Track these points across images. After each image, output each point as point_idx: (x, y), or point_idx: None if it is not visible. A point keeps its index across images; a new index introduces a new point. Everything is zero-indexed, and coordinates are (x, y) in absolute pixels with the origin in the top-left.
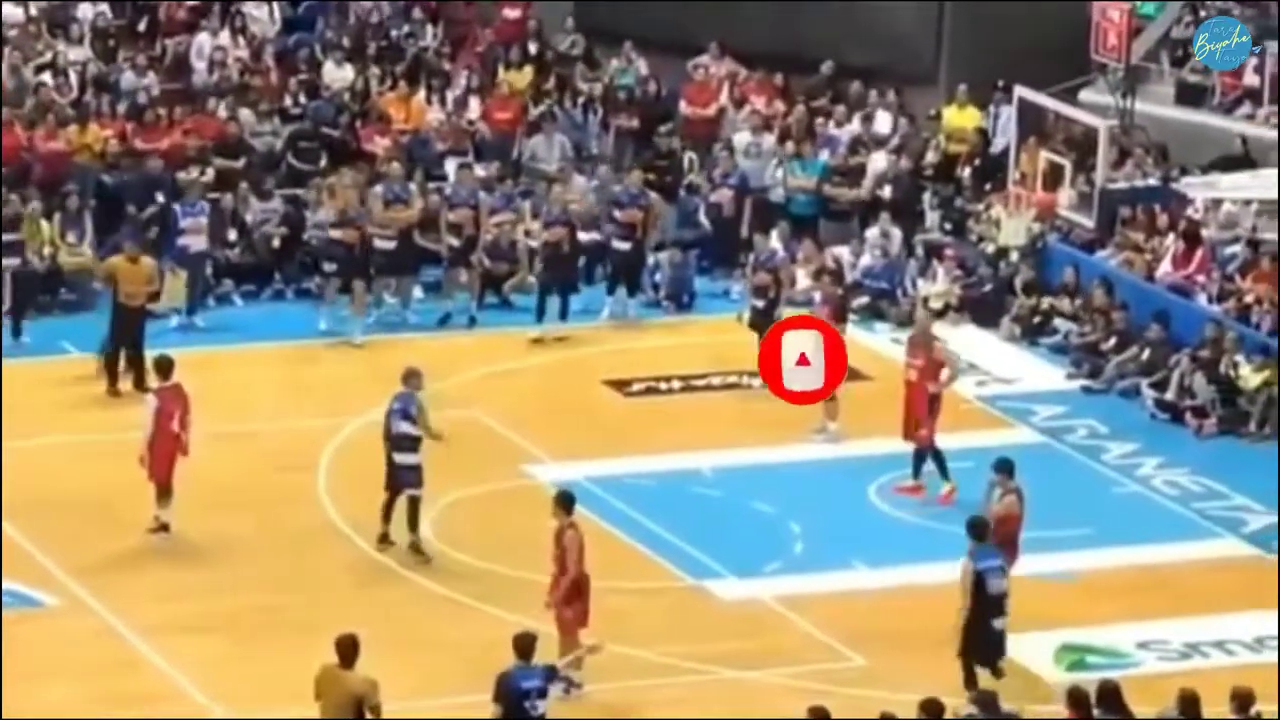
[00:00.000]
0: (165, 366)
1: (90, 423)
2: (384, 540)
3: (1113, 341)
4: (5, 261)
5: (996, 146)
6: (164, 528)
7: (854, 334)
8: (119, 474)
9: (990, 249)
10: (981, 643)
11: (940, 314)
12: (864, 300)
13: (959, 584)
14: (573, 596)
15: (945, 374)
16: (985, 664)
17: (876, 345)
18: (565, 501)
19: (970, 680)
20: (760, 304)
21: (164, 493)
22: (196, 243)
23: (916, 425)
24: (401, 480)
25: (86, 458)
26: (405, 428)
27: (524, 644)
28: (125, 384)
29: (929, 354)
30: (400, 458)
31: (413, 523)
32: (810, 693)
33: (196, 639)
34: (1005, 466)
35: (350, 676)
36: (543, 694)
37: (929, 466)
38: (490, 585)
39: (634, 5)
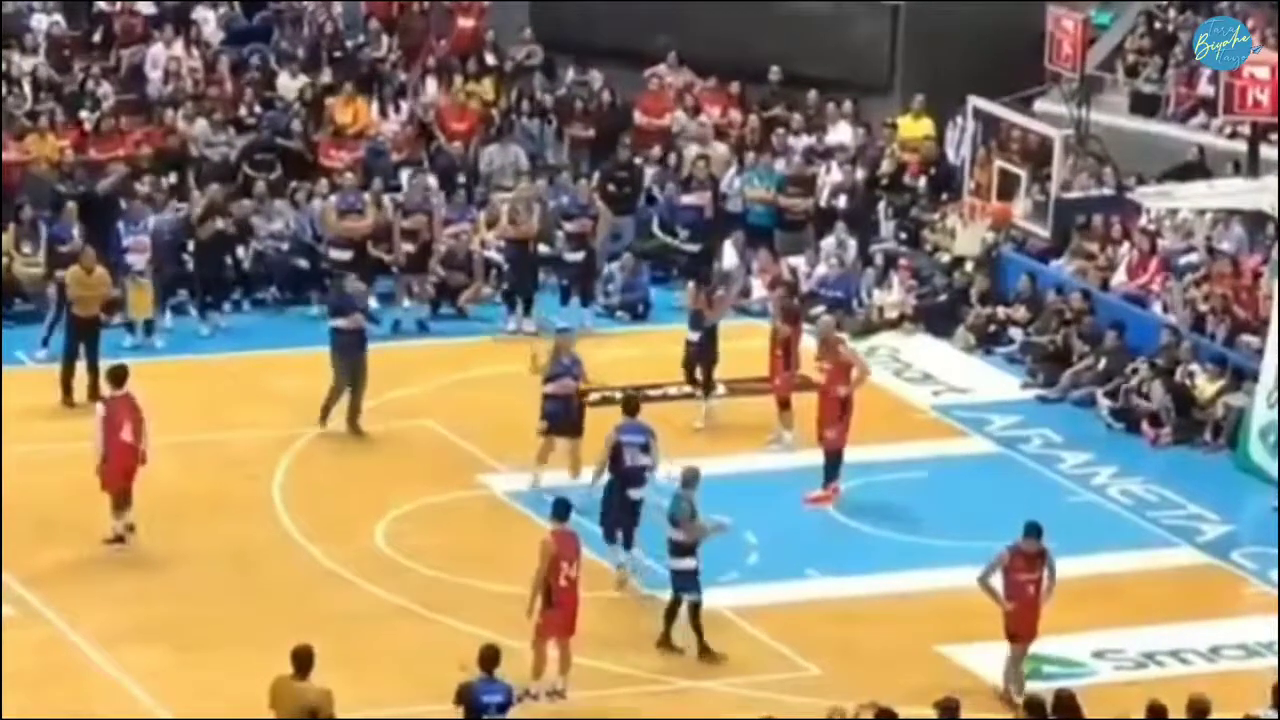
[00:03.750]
0: (119, 375)
1: (43, 432)
2: (664, 643)
3: (1077, 345)
4: None
5: (954, 158)
6: (119, 539)
7: (809, 344)
8: (71, 483)
9: (945, 259)
10: (618, 509)
11: (895, 324)
12: (819, 310)
13: (605, 451)
14: (544, 605)
15: (854, 375)
16: (622, 528)
17: None
18: (554, 509)
19: (611, 537)
20: (694, 336)
21: (119, 503)
22: (140, 261)
23: (823, 428)
24: (675, 584)
25: (39, 467)
26: (671, 533)
27: (488, 657)
28: (81, 394)
29: (835, 357)
30: (672, 562)
31: (695, 627)
32: (764, 703)
33: (146, 648)
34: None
35: (305, 687)
36: (501, 709)
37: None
38: (443, 595)
39: (591, 16)
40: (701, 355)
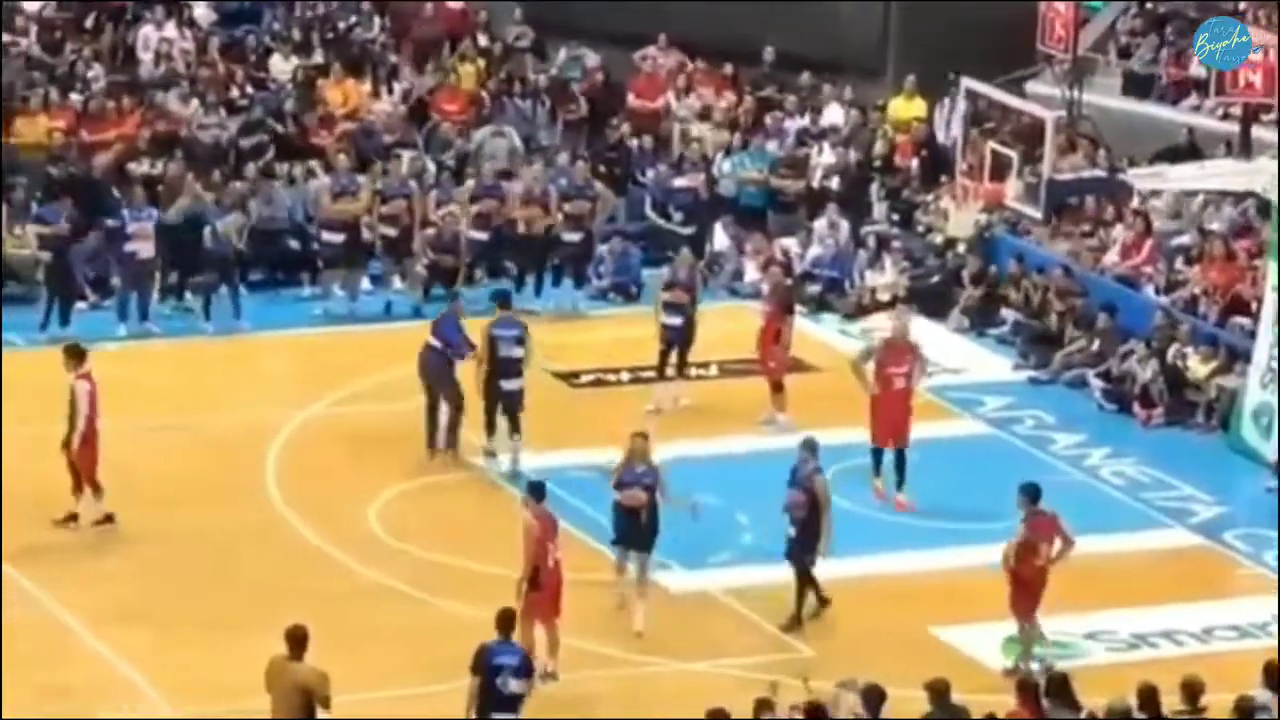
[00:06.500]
0: (78, 354)
1: (37, 414)
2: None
3: (1069, 327)
4: None
5: (943, 139)
6: (109, 519)
7: (802, 325)
8: (63, 465)
9: (938, 240)
10: (494, 396)
11: (888, 305)
12: (812, 291)
13: (481, 344)
14: (531, 586)
15: (919, 373)
16: (497, 412)
17: (824, 336)
18: (531, 491)
19: (490, 426)
20: (678, 321)
21: (97, 485)
22: (145, 249)
23: (899, 429)
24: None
25: (28, 448)
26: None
27: (502, 620)
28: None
29: (915, 357)
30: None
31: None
32: (756, 684)
33: (138, 631)
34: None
35: (299, 668)
36: (516, 672)
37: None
38: (436, 576)
39: None
40: (681, 340)
